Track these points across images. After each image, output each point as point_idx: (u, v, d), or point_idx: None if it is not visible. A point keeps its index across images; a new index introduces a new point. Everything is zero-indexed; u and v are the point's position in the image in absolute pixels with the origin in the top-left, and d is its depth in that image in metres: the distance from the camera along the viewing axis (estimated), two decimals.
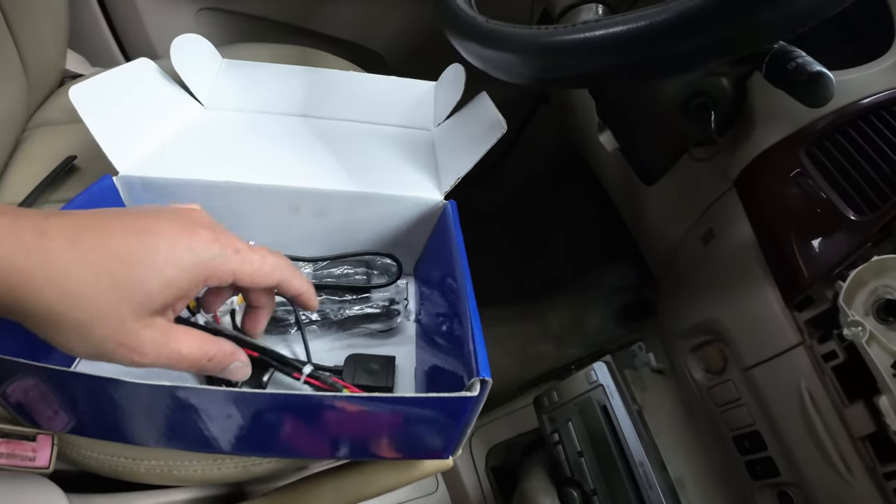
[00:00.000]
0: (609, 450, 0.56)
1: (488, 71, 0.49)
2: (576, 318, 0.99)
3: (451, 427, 0.36)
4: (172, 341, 0.31)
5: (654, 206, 0.74)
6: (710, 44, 0.37)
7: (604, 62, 0.41)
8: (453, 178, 0.51)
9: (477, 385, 0.33)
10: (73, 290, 0.27)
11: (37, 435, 0.45)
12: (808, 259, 0.51)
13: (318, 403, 0.34)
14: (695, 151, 0.61)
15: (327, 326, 0.51)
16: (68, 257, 0.27)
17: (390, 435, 0.37)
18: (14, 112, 0.66)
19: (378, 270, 0.56)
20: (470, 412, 0.35)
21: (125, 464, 0.45)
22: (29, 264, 0.26)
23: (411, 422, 0.35)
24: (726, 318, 0.59)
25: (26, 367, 0.33)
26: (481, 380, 0.33)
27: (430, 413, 0.35)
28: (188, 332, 0.32)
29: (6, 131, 0.64)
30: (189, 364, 0.32)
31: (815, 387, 0.50)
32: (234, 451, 0.42)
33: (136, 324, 0.29)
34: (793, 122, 0.56)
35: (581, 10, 0.46)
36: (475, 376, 0.33)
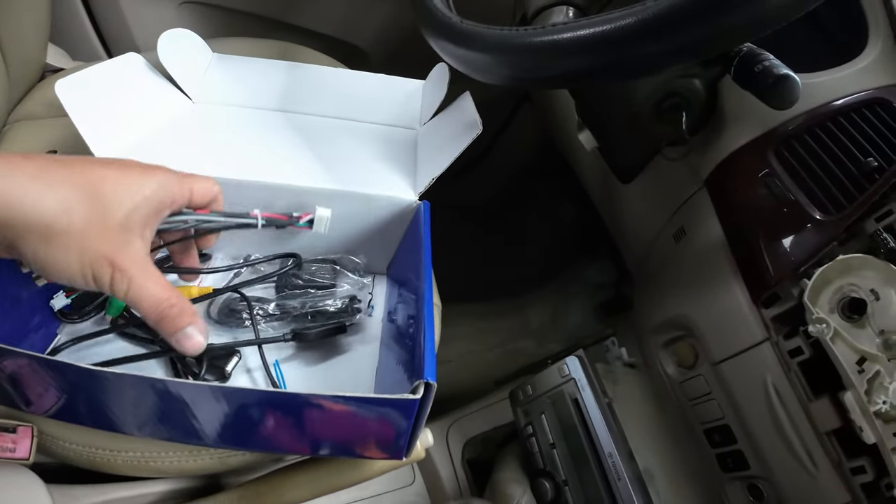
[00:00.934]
0: (580, 442, 0.57)
1: (463, 70, 0.50)
2: (556, 314, 1.00)
3: (400, 427, 0.36)
4: (146, 274, 0.33)
5: (629, 204, 0.75)
6: (674, 47, 0.39)
7: (573, 64, 0.42)
8: (428, 178, 0.52)
9: (421, 388, 0.33)
10: (69, 200, 0.31)
11: (17, 427, 0.46)
12: (775, 257, 0.52)
13: (269, 398, 0.36)
14: (667, 151, 0.63)
15: (287, 321, 0.52)
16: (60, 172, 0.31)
17: (345, 433, 0.38)
18: None
19: (346, 269, 0.57)
20: (417, 414, 0.35)
21: (103, 455, 0.46)
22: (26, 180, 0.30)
23: (363, 421, 0.36)
24: (696, 314, 0.61)
25: (11, 353, 0.34)
26: (425, 383, 0.33)
27: (379, 413, 0.35)
28: (160, 276, 0.35)
29: None
30: (151, 304, 0.33)
31: (781, 382, 0.52)
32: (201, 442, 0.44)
33: (123, 235, 0.32)
34: (762, 124, 0.57)
35: (553, 11, 0.47)
36: (420, 377, 0.34)
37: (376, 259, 0.57)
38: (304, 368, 0.50)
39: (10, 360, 0.37)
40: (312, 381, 0.49)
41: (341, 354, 0.51)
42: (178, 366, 0.46)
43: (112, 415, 0.40)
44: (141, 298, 0.33)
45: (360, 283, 0.55)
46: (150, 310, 0.34)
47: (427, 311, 0.39)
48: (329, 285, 0.54)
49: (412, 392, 0.33)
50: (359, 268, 0.55)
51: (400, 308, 0.52)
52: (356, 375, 0.49)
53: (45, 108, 0.70)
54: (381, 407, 0.34)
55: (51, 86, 0.48)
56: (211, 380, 0.46)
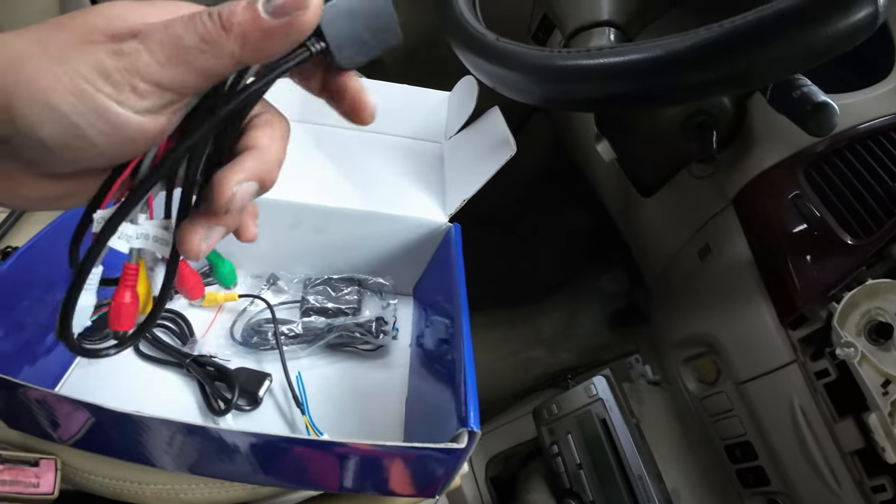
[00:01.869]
0: (608, 462, 0.57)
1: (493, 87, 0.49)
2: (568, 323, 1.00)
3: (441, 471, 0.35)
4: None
5: (649, 218, 0.75)
6: (722, 76, 0.38)
7: (617, 89, 0.41)
8: (459, 200, 0.51)
9: (465, 437, 0.32)
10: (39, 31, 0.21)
11: (39, 460, 0.44)
12: (804, 279, 0.52)
13: (311, 443, 0.35)
14: (694, 169, 0.62)
15: (311, 343, 0.51)
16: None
17: (377, 473, 0.37)
18: None
19: (371, 290, 0.56)
20: (457, 460, 0.34)
21: (130, 487, 0.45)
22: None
23: (399, 463, 0.35)
24: (721, 333, 0.61)
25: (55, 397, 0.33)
26: (469, 431, 0.32)
27: (417, 458, 0.34)
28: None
29: None
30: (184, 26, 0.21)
31: (807, 403, 0.52)
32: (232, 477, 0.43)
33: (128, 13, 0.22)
34: (792, 144, 0.56)
35: (593, 33, 0.46)
36: (465, 426, 0.32)
37: (402, 280, 0.56)
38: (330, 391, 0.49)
39: (35, 393, 0.36)
40: (339, 407, 0.48)
41: (368, 379, 0.50)
42: (207, 392, 0.45)
43: (141, 448, 0.40)
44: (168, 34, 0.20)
45: (385, 305, 0.54)
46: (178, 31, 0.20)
47: (467, 351, 0.38)
48: (355, 307, 0.53)
49: (455, 440, 0.32)
50: (385, 289, 0.54)
51: (429, 333, 0.51)
52: (385, 405, 0.49)
53: None
54: (421, 452, 0.33)
55: None
56: (243, 405, 0.45)
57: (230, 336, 0.50)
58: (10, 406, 0.42)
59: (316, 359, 0.50)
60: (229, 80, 0.22)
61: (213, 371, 0.46)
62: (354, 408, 0.48)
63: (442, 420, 0.39)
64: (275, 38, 0.21)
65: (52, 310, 0.47)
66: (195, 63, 0.20)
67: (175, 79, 0.21)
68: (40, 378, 0.47)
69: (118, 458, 0.44)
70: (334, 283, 0.53)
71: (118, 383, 0.48)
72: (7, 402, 0.41)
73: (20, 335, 0.44)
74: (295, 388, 0.45)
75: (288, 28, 0.20)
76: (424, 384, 0.47)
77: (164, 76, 0.20)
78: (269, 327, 0.49)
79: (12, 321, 0.43)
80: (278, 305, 0.51)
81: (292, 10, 0.20)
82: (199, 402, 0.46)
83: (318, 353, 0.50)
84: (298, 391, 0.45)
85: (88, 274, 0.24)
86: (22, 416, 0.43)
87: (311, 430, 0.43)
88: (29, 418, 0.42)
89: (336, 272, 0.55)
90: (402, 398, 0.49)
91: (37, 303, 0.45)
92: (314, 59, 0.23)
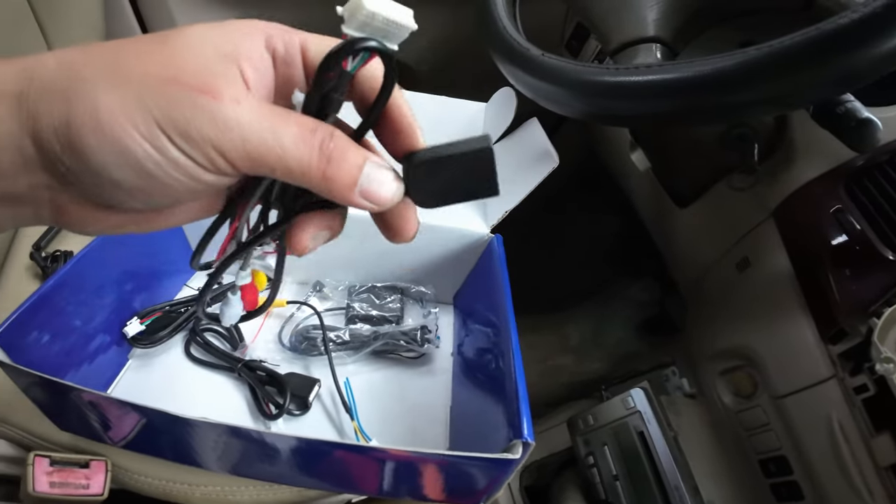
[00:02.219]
0: (645, 474, 0.57)
1: (534, 99, 0.50)
2: (596, 331, 1.00)
3: (489, 480, 0.36)
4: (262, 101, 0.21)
5: (685, 228, 0.74)
6: (774, 95, 0.38)
7: (665, 106, 0.41)
8: (501, 211, 0.51)
9: (519, 448, 0.32)
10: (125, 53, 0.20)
11: (90, 461, 0.45)
12: (844, 294, 0.52)
13: (361, 449, 0.35)
14: (735, 180, 0.62)
15: (358, 350, 0.52)
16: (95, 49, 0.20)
17: (429, 481, 0.37)
18: None
19: (412, 298, 0.57)
20: (508, 471, 0.34)
21: (180, 489, 0.46)
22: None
23: (450, 472, 0.35)
24: (759, 347, 0.60)
25: (107, 399, 0.34)
26: (524, 442, 0.32)
27: (468, 467, 0.34)
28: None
29: None
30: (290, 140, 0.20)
31: (845, 417, 0.52)
32: (279, 480, 0.43)
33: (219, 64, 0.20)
34: (833, 157, 0.56)
35: (639, 49, 0.46)
36: (519, 437, 0.33)
37: (443, 289, 0.56)
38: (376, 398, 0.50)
39: (88, 395, 0.37)
40: (385, 413, 0.49)
41: (413, 387, 0.51)
42: (258, 396, 0.46)
43: (190, 450, 0.41)
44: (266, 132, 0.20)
45: (427, 313, 0.55)
46: (290, 152, 0.20)
47: (517, 362, 0.38)
48: (398, 314, 0.53)
49: (509, 450, 0.33)
50: (426, 297, 0.55)
51: (470, 342, 0.51)
52: (429, 412, 0.49)
53: None
54: (474, 462, 0.34)
55: None
56: (293, 410, 0.46)
57: (278, 341, 0.51)
58: (62, 409, 0.43)
59: (361, 365, 0.51)
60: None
61: (264, 376, 0.47)
62: (400, 414, 0.48)
63: (489, 430, 0.39)
64: (354, 203, 0.22)
65: (103, 315, 0.48)
66: (278, 172, 0.21)
67: (253, 170, 0.20)
68: (92, 381, 0.48)
69: (168, 460, 0.45)
70: (378, 291, 0.54)
71: (170, 387, 0.49)
72: (58, 405, 0.43)
73: (72, 339, 0.45)
74: (344, 393, 0.46)
75: (367, 207, 0.22)
76: (468, 393, 0.47)
77: (244, 166, 0.20)
78: (316, 333, 0.50)
79: (65, 325, 0.44)
80: (324, 312, 0.52)
81: (375, 201, 0.22)
82: (249, 405, 0.47)
83: (364, 360, 0.51)
84: (347, 397, 0.46)
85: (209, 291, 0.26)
86: (73, 419, 0.44)
87: (360, 436, 0.44)
88: (80, 421, 0.43)
89: (378, 280, 0.56)
90: (445, 406, 0.49)
91: (88, 308, 0.47)
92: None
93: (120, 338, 0.50)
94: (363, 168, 0.22)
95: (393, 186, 0.23)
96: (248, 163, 0.20)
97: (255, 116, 0.20)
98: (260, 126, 0.20)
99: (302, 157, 0.20)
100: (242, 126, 0.19)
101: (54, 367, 0.42)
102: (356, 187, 0.21)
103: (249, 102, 0.20)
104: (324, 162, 0.21)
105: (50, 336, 0.42)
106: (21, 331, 0.39)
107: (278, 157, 0.20)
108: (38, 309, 0.40)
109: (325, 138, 0.21)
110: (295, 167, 0.20)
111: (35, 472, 0.43)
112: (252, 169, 0.20)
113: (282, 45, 0.22)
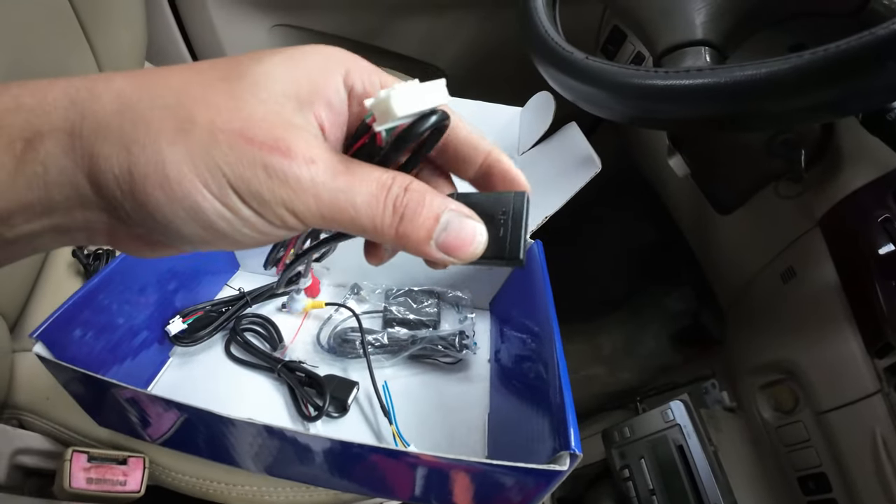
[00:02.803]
0: (683, 489, 0.56)
1: (578, 104, 0.49)
2: (629, 342, 0.98)
3: (531, 491, 0.35)
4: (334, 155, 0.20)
5: (727, 236, 0.73)
6: (830, 100, 0.37)
7: (715, 110, 0.40)
8: (540, 217, 0.51)
9: (566, 459, 0.31)
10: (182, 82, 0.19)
11: (127, 458, 0.45)
12: (892, 306, 0.50)
13: (399, 454, 0.34)
14: (782, 188, 0.60)
15: (396, 353, 0.51)
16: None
17: (469, 490, 0.37)
18: None
19: (449, 303, 0.56)
20: (553, 482, 0.33)
21: (217, 488, 0.46)
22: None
23: (493, 482, 0.34)
24: (804, 360, 0.58)
25: (149, 397, 0.35)
26: (571, 454, 0.31)
27: (511, 477, 0.34)
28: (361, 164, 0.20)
29: None
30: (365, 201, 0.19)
31: (890, 434, 0.50)
32: (315, 481, 0.43)
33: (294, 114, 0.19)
34: (881, 165, 0.55)
35: (687, 52, 0.45)
36: (564, 448, 0.32)
37: (479, 294, 0.56)
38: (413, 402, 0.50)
39: (129, 392, 0.37)
40: (423, 418, 0.48)
41: (450, 392, 0.51)
42: (298, 397, 0.46)
43: (229, 449, 0.41)
44: (339, 193, 0.19)
45: (463, 318, 0.54)
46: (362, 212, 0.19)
47: (562, 371, 0.37)
48: (435, 319, 0.53)
49: (555, 462, 0.32)
50: (462, 302, 0.55)
51: (507, 349, 0.51)
52: (467, 419, 0.48)
53: None
54: (516, 472, 0.33)
55: None
56: (332, 411, 0.46)
57: (317, 343, 0.51)
58: (101, 405, 0.44)
59: (399, 369, 0.50)
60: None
61: (304, 377, 0.47)
62: (438, 420, 0.48)
63: (531, 440, 0.39)
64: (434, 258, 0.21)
65: (145, 314, 0.49)
66: (351, 230, 0.20)
67: (324, 226, 0.20)
68: (133, 378, 0.48)
69: (205, 458, 0.45)
70: (415, 295, 0.54)
71: (209, 385, 0.50)
72: (98, 401, 0.43)
73: (114, 337, 0.45)
74: (382, 397, 0.45)
75: (442, 259, 0.21)
76: (506, 400, 0.46)
77: (315, 223, 0.19)
78: (354, 336, 0.50)
79: (107, 323, 0.45)
80: (362, 315, 0.52)
81: (454, 254, 0.21)
82: (288, 406, 0.47)
83: (401, 364, 0.51)
84: (386, 401, 0.45)
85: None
86: (112, 416, 0.45)
87: (399, 440, 0.43)
88: (119, 417, 0.44)
89: (415, 284, 0.55)
90: (483, 413, 0.49)
91: (131, 306, 0.47)
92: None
93: (161, 336, 0.51)
94: (441, 219, 0.20)
95: (474, 236, 0.21)
96: (320, 221, 0.19)
97: (328, 177, 0.19)
98: (334, 186, 0.19)
99: (374, 216, 0.20)
100: (316, 187, 0.19)
101: (96, 364, 0.43)
102: (431, 241, 0.20)
103: (323, 160, 0.19)
104: (396, 219, 0.20)
105: (93, 333, 0.43)
106: (64, 328, 0.39)
107: (351, 218, 0.19)
108: (81, 306, 0.41)
109: (399, 195, 0.20)
110: (368, 226, 0.20)
111: (73, 468, 0.43)
112: (323, 225, 0.20)
113: (360, 83, 0.22)
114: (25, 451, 0.49)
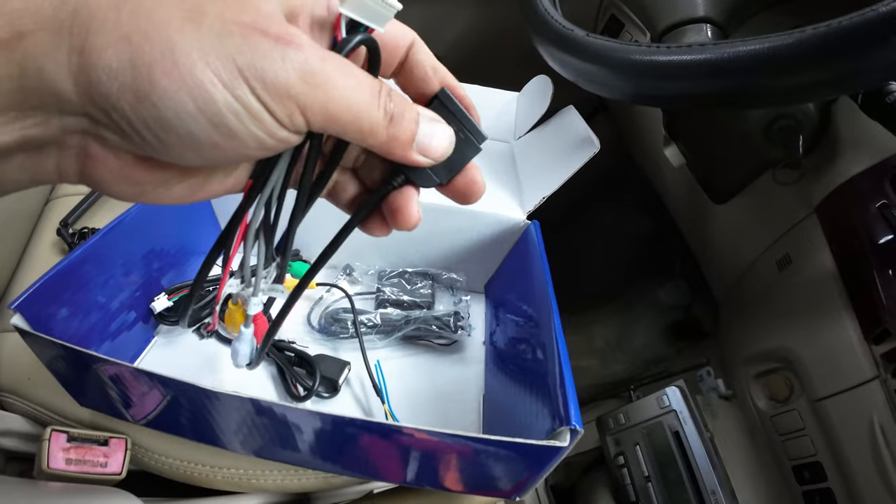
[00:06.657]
0: (679, 476, 0.55)
1: (578, 82, 0.48)
2: (622, 334, 0.97)
3: (529, 471, 0.34)
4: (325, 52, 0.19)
5: (722, 225, 0.72)
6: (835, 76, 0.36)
7: (717, 85, 0.39)
8: (538, 197, 0.50)
9: (567, 435, 0.30)
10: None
11: (109, 439, 0.43)
12: (890, 293, 0.50)
13: (392, 430, 0.33)
14: (780, 175, 0.60)
15: (389, 334, 0.50)
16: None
17: (462, 469, 0.35)
18: None
19: (443, 285, 0.55)
20: (554, 459, 0.32)
21: (202, 470, 0.45)
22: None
23: (487, 460, 0.33)
24: (800, 348, 0.58)
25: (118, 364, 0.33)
26: (572, 429, 0.30)
27: (509, 455, 0.32)
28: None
29: None
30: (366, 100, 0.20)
31: (887, 420, 0.50)
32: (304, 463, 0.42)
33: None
34: (879, 151, 0.54)
35: (688, 30, 0.45)
36: (565, 424, 0.30)
37: (474, 276, 0.55)
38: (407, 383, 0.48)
39: (112, 368, 0.36)
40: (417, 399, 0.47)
41: (445, 374, 0.50)
42: (287, 377, 0.45)
43: (214, 429, 0.39)
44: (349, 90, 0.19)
45: (458, 300, 0.53)
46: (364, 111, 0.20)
47: (560, 346, 0.36)
48: (429, 301, 0.52)
49: (556, 437, 0.30)
50: (457, 285, 0.54)
51: (503, 331, 0.50)
52: (462, 401, 0.47)
53: None
54: (516, 449, 0.31)
55: None
56: (322, 392, 0.45)
57: (307, 323, 0.50)
58: (83, 383, 0.42)
59: (392, 350, 0.49)
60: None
61: (294, 357, 0.46)
62: (432, 401, 0.47)
63: (528, 419, 0.38)
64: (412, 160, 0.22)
65: (129, 292, 0.47)
66: (348, 131, 0.20)
67: (322, 128, 0.20)
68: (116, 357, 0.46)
69: (190, 439, 0.44)
70: (409, 277, 0.53)
71: (195, 364, 0.48)
72: (80, 378, 0.41)
73: (95, 315, 0.44)
74: (375, 376, 0.44)
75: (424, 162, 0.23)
76: (502, 383, 0.45)
77: (317, 124, 0.19)
78: (347, 316, 0.48)
79: (90, 301, 0.43)
80: (354, 296, 0.51)
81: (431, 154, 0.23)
82: (277, 386, 0.46)
83: (394, 345, 0.50)
84: (378, 380, 0.44)
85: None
86: (94, 394, 0.43)
87: (391, 419, 0.42)
88: (101, 396, 0.42)
89: (409, 265, 0.54)
90: (478, 395, 0.48)
91: (114, 283, 0.46)
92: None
93: (146, 315, 0.49)
94: (419, 123, 0.22)
95: (446, 140, 0.23)
96: (323, 121, 0.19)
97: (339, 75, 0.19)
98: (344, 84, 0.19)
99: (373, 116, 0.20)
100: (328, 84, 0.19)
101: (77, 341, 0.41)
102: (414, 144, 0.22)
103: (332, 58, 0.19)
104: (387, 120, 0.21)
105: (74, 311, 0.41)
106: (43, 303, 0.37)
107: (354, 117, 0.19)
108: (60, 282, 0.39)
109: (387, 98, 0.21)
110: (366, 126, 0.20)
111: (51, 448, 0.41)
112: (322, 127, 0.20)
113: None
114: (5, 433, 0.47)
